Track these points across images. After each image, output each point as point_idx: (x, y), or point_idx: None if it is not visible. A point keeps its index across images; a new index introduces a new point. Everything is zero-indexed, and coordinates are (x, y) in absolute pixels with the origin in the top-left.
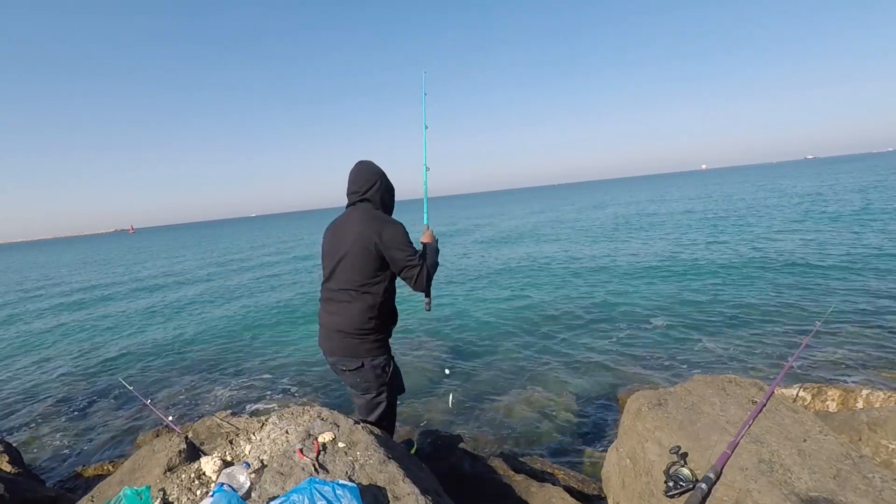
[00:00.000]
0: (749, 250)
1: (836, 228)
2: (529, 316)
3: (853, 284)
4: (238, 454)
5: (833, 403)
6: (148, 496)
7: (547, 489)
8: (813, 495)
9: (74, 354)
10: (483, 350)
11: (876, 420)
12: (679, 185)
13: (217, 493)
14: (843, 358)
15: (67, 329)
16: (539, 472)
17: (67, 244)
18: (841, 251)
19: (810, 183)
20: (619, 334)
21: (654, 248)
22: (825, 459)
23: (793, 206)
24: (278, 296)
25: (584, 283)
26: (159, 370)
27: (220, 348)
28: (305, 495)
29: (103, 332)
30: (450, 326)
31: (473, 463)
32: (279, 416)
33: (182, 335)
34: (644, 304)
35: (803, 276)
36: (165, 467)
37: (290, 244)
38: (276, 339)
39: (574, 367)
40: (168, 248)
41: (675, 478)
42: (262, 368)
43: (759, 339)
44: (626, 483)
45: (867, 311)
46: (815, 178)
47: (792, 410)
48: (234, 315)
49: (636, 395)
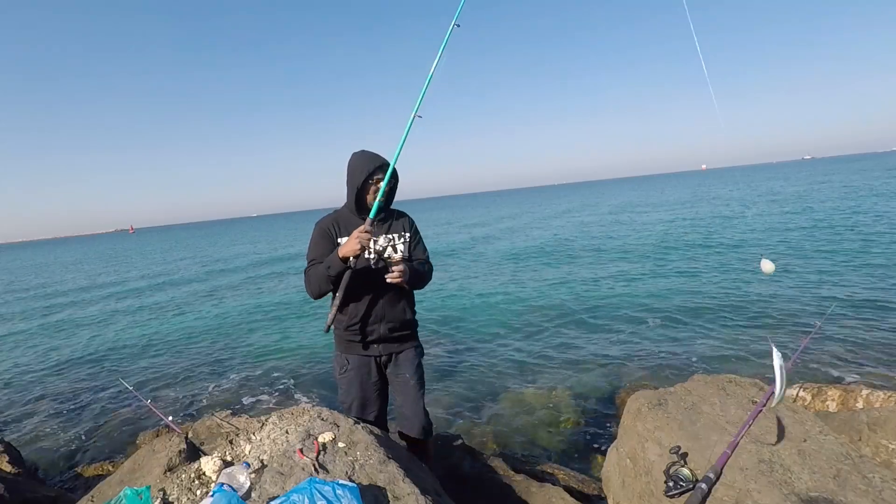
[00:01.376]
0: (749, 250)
1: (836, 228)
2: (529, 316)
3: (853, 285)
4: (238, 454)
5: (833, 403)
6: (148, 496)
7: (547, 489)
8: (813, 495)
9: (74, 354)
10: (483, 350)
11: (876, 420)
12: (676, 184)
13: (217, 493)
14: (843, 358)
15: (67, 329)
16: (539, 472)
17: (67, 244)
18: (841, 251)
19: (803, 184)
20: (619, 334)
21: (653, 248)
22: (825, 459)
23: (792, 206)
24: (278, 295)
25: (583, 283)
26: (159, 370)
27: (220, 348)
28: (305, 495)
29: (103, 332)
30: (450, 326)
31: (473, 463)
32: (279, 416)
33: (182, 335)
34: (644, 304)
35: (803, 276)
36: (165, 467)
37: (290, 244)
38: (277, 339)
39: (574, 367)
40: (168, 248)
41: (675, 478)
42: (263, 368)
43: (760, 339)
44: (626, 483)
45: (867, 311)
46: (810, 178)
47: (792, 410)
48: (235, 315)
49: (636, 395)
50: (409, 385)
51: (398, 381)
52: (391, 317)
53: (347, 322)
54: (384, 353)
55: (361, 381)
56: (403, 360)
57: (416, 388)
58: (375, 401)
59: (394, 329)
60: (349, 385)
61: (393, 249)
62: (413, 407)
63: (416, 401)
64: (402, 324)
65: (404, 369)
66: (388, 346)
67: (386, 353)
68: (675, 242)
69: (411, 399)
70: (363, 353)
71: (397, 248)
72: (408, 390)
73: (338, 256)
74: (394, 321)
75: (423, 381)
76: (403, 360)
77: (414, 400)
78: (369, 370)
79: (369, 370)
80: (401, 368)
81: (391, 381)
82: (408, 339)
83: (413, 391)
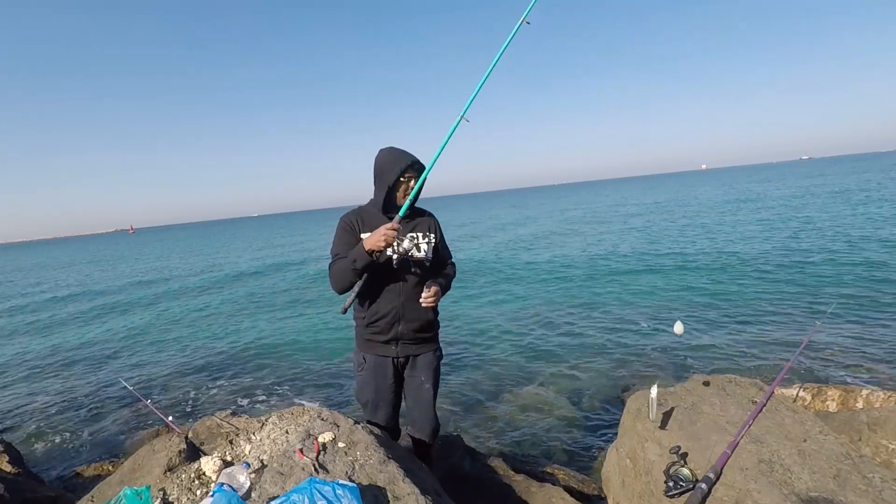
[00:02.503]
0: (749, 250)
1: (835, 229)
2: (529, 316)
3: (853, 284)
4: (238, 454)
5: (833, 403)
6: (148, 496)
7: (547, 489)
8: (813, 495)
9: (74, 354)
10: (483, 350)
11: (876, 420)
12: (676, 185)
13: (217, 493)
14: (843, 358)
15: (67, 329)
16: (539, 472)
17: (67, 244)
18: (840, 252)
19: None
20: (619, 334)
21: (652, 249)
22: (825, 459)
23: (790, 205)
24: (279, 295)
25: (582, 283)
26: (159, 370)
27: (220, 348)
28: (305, 495)
29: (103, 332)
30: (449, 326)
31: (473, 463)
32: (279, 416)
33: (182, 335)
34: (644, 304)
35: (803, 276)
36: (165, 467)
37: (291, 243)
38: (277, 339)
39: (574, 367)
40: (168, 248)
41: (675, 478)
42: (263, 368)
43: (759, 339)
44: (626, 483)
45: (867, 311)
46: (807, 178)
47: (792, 410)
48: (235, 315)
49: (636, 395)
50: (423, 389)
51: (413, 383)
52: (411, 317)
53: (367, 319)
54: (402, 354)
55: (377, 382)
56: (421, 363)
57: (430, 392)
58: (389, 402)
59: (413, 330)
60: (364, 384)
61: (416, 249)
62: (425, 411)
63: (429, 406)
64: (422, 325)
65: (421, 372)
66: (407, 348)
67: (404, 354)
68: (675, 243)
69: (424, 403)
70: (381, 353)
71: (421, 247)
72: (422, 394)
73: (363, 249)
74: (413, 322)
75: (437, 385)
76: (421, 363)
77: (427, 404)
78: (385, 371)
79: (385, 371)
80: (417, 371)
81: (406, 382)
82: (427, 341)
83: (427, 395)
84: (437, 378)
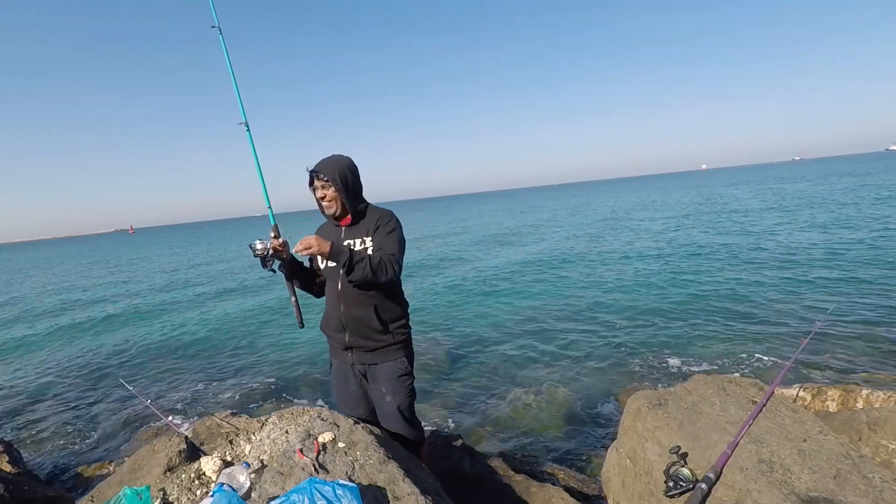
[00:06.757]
0: (749, 250)
1: (835, 229)
2: (529, 316)
3: (853, 284)
4: (238, 454)
5: (833, 403)
6: (148, 496)
7: (547, 489)
8: (813, 495)
9: (74, 354)
10: (483, 350)
11: (876, 420)
12: (677, 185)
13: (217, 493)
14: (843, 358)
15: (67, 329)
16: (539, 472)
17: (67, 244)
18: (840, 252)
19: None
20: (619, 334)
21: (652, 249)
22: (825, 459)
23: (790, 206)
24: (279, 296)
25: (582, 283)
26: (159, 370)
27: (220, 348)
28: (305, 495)
29: (103, 333)
30: (449, 326)
31: (473, 463)
32: (279, 416)
33: (182, 335)
34: (644, 304)
35: (803, 276)
36: (165, 467)
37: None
38: (277, 340)
39: (574, 368)
40: (168, 248)
41: (675, 478)
42: (263, 368)
43: (759, 339)
44: (626, 483)
45: (867, 312)
46: (804, 178)
47: (792, 410)
48: (235, 315)
49: (636, 395)
50: (384, 402)
51: (376, 395)
52: (353, 325)
53: (321, 325)
54: (358, 362)
55: (339, 388)
56: (381, 374)
57: (392, 405)
58: (356, 407)
59: (361, 337)
60: (333, 387)
61: None
62: (392, 425)
63: (395, 418)
64: (370, 336)
65: (381, 384)
66: (362, 356)
67: (360, 362)
68: (675, 243)
69: (389, 416)
70: (341, 359)
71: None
72: (384, 406)
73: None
74: (359, 332)
75: (403, 395)
76: (381, 374)
77: (392, 417)
78: (346, 377)
79: (346, 377)
80: (378, 383)
81: (371, 394)
82: (384, 351)
83: (389, 408)
84: (403, 389)
